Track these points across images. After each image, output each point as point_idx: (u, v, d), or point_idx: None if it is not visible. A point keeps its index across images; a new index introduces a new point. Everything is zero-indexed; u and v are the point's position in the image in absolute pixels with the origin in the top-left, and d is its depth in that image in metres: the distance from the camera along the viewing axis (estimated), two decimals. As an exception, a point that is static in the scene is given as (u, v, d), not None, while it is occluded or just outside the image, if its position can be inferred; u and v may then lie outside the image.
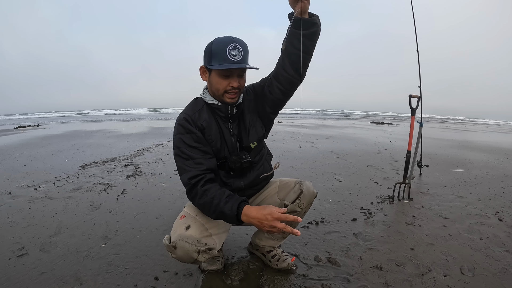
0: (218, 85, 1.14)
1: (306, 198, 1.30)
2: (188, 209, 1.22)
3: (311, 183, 1.36)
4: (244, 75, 1.18)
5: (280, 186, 1.36)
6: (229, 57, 1.08)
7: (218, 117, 1.22)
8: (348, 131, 9.03)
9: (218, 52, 1.08)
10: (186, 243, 1.07)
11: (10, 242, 1.68)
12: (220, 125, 1.22)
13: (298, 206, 1.30)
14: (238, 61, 1.08)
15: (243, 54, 1.10)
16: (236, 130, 1.24)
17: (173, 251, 1.09)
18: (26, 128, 9.69)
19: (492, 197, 2.63)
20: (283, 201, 1.32)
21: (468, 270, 1.45)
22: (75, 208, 2.22)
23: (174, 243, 1.08)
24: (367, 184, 2.98)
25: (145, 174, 3.23)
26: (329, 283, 1.32)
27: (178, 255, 1.09)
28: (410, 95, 2.48)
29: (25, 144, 5.62)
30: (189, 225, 1.12)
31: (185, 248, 1.07)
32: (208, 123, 1.19)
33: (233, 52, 1.08)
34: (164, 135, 6.99)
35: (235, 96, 1.16)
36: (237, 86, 1.13)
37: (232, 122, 1.23)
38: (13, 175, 3.18)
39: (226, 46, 1.08)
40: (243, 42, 1.11)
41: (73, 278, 1.34)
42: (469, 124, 18.81)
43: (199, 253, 1.08)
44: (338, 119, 18.19)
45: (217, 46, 1.09)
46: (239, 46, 1.09)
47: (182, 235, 1.09)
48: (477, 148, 5.81)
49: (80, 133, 7.58)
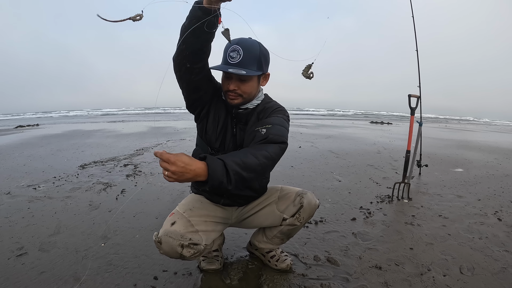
0: (222, 84, 1.18)
1: (307, 212, 1.28)
2: (178, 207, 1.22)
3: (313, 195, 1.32)
4: (248, 80, 1.12)
5: (280, 196, 1.33)
6: (227, 59, 1.08)
7: (227, 110, 1.23)
8: (348, 130, 9.03)
9: (224, 53, 1.11)
10: (170, 238, 1.08)
11: (9, 241, 1.68)
12: (228, 119, 1.22)
13: (298, 220, 1.28)
14: (234, 64, 1.07)
15: (242, 57, 1.06)
16: (240, 136, 1.23)
17: (159, 247, 1.10)
18: (26, 128, 9.69)
19: (491, 197, 2.64)
20: (282, 213, 1.29)
21: (467, 270, 1.45)
22: (75, 207, 2.22)
23: (159, 238, 1.09)
24: (366, 183, 2.98)
25: (145, 174, 3.23)
26: (329, 282, 1.32)
27: (165, 250, 1.10)
28: (409, 95, 2.48)
29: (25, 143, 5.62)
30: (174, 221, 1.13)
31: (169, 243, 1.08)
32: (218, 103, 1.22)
33: (232, 54, 1.07)
34: (164, 135, 6.98)
35: (233, 98, 1.15)
36: (232, 89, 1.11)
37: (237, 122, 1.23)
38: (12, 175, 3.17)
39: (228, 47, 1.09)
40: (248, 45, 1.08)
41: (73, 277, 1.34)
42: (470, 124, 18.80)
43: (183, 247, 1.08)
44: (338, 119, 18.19)
45: (226, 47, 1.10)
46: (239, 49, 1.06)
47: (167, 230, 1.10)
48: (476, 148, 5.81)
49: (79, 133, 7.57)
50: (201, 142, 1.28)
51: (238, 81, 1.12)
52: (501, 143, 6.98)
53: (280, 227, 1.33)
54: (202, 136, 1.26)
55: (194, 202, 1.25)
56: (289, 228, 1.32)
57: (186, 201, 1.27)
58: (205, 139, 1.25)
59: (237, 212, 1.35)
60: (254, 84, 1.15)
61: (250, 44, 1.10)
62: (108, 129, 8.76)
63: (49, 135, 7.07)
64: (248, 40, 1.10)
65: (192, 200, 1.27)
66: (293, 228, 1.33)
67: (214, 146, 1.23)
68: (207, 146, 1.25)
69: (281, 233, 1.35)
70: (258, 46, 1.11)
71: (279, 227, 1.33)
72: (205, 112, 1.22)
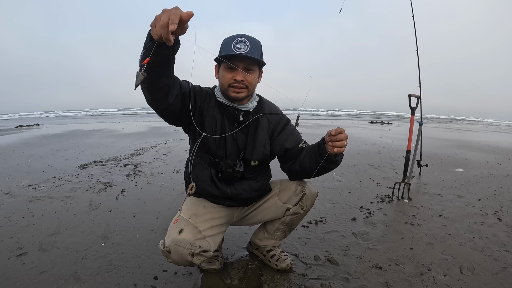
0: (223, 78, 1.14)
1: (309, 199, 1.31)
2: (182, 212, 1.19)
3: (312, 184, 1.36)
4: (255, 71, 1.15)
5: (281, 189, 1.36)
6: (233, 50, 1.07)
7: (225, 116, 1.21)
8: (348, 130, 8.92)
9: (225, 46, 1.10)
10: (180, 247, 1.05)
11: (9, 241, 1.68)
12: (225, 122, 1.20)
13: (301, 208, 1.31)
14: (242, 53, 1.07)
15: (249, 47, 1.08)
16: (241, 138, 1.22)
17: (168, 256, 1.07)
18: (26, 128, 9.69)
19: (491, 197, 2.64)
20: (285, 204, 1.32)
21: (467, 270, 1.45)
22: (75, 207, 2.22)
23: (168, 248, 1.06)
24: (366, 183, 2.98)
25: (145, 174, 3.23)
26: (329, 282, 1.32)
27: (174, 259, 1.07)
28: (409, 95, 2.48)
29: (25, 143, 5.61)
30: (182, 228, 1.11)
31: (179, 252, 1.05)
32: (213, 112, 1.19)
33: (238, 45, 1.08)
34: (163, 135, 6.98)
35: (239, 90, 1.13)
36: (241, 79, 1.11)
37: (238, 126, 1.21)
38: (12, 175, 3.17)
39: (232, 40, 1.09)
40: (252, 39, 1.11)
41: (73, 277, 1.34)
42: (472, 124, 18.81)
43: (193, 255, 1.07)
44: (337, 118, 18.18)
45: (225, 41, 1.12)
46: (246, 40, 1.09)
47: (175, 239, 1.07)
48: (476, 148, 5.81)
49: (79, 133, 7.57)
50: (199, 152, 1.22)
51: (245, 72, 1.11)
52: (501, 143, 6.97)
53: (282, 218, 1.34)
54: (200, 147, 1.20)
55: (198, 206, 1.23)
56: (291, 217, 1.33)
57: (189, 205, 1.23)
58: (204, 149, 1.21)
59: (238, 211, 1.35)
60: (257, 76, 1.17)
61: (253, 38, 1.12)
62: (108, 129, 8.76)
63: (49, 135, 7.07)
64: (249, 36, 1.12)
65: (195, 204, 1.24)
66: (295, 217, 1.34)
67: (217, 155, 1.21)
68: (209, 156, 1.22)
69: (283, 224, 1.36)
70: (259, 41, 1.15)
71: (281, 218, 1.35)
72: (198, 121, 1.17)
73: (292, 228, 1.42)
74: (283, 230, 1.39)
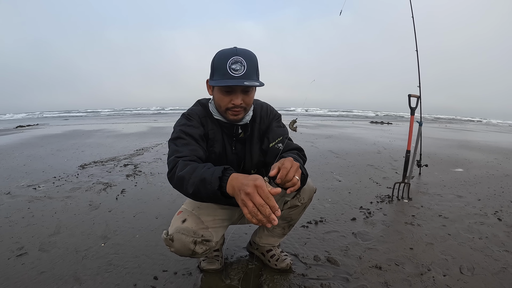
0: (220, 101, 1.09)
1: (306, 193, 1.30)
2: (185, 205, 1.22)
3: (310, 179, 1.36)
4: (251, 91, 1.09)
5: None
6: (229, 72, 1.00)
7: (224, 132, 1.21)
8: (348, 130, 9.03)
9: (219, 66, 1.02)
10: (183, 234, 1.08)
11: (9, 241, 1.68)
12: (225, 140, 1.21)
13: (299, 200, 1.30)
14: (239, 77, 1.01)
15: (246, 68, 1.01)
16: (239, 150, 1.23)
17: (171, 244, 1.09)
18: (26, 128, 9.69)
19: (491, 197, 2.64)
20: (282, 197, 1.31)
21: (467, 270, 1.45)
22: (75, 207, 2.22)
23: (171, 235, 1.08)
24: (366, 183, 2.98)
25: (145, 174, 3.23)
26: (328, 282, 1.32)
27: (176, 248, 1.09)
28: (409, 95, 2.48)
29: (25, 143, 5.62)
30: (185, 218, 1.13)
31: (182, 240, 1.07)
32: (214, 135, 1.18)
33: (234, 66, 1.00)
34: (163, 135, 6.98)
35: (238, 113, 1.10)
36: (240, 103, 1.06)
37: (236, 141, 1.21)
38: (12, 175, 3.17)
39: (227, 59, 1.01)
40: (248, 55, 1.03)
41: (73, 277, 1.34)
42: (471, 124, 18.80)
43: (196, 244, 1.08)
44: (337, 118, 18.19)
45: (219, 60, 1.03)
46: (242, 60, 1.01)
47: (178, 227, 1.09)
48: (476, 148, 5.81)
49: (79, 133, 7.57)
50: None
51: (243, 94, 1.07)
52: (501, 143, 6.98)
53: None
54: None
55: None
56: (289, 211, 1.32)
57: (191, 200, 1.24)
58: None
59: (240, 209, 1.35)
60: (254, 93, 1.14)
61: (249, 53, 1.04)
62: (108, 129, 8.76)
63: (49, 135, 7.07)
64: (244, 50, 1.05)
65: None
66: (294, 211, 1.33)
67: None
68: None
69: (281, 219, 1.35)
70: (254, 54, 1.07)
71: None
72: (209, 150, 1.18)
73: (291, 224, 1.41)
74: (282, 226, 1.39)
